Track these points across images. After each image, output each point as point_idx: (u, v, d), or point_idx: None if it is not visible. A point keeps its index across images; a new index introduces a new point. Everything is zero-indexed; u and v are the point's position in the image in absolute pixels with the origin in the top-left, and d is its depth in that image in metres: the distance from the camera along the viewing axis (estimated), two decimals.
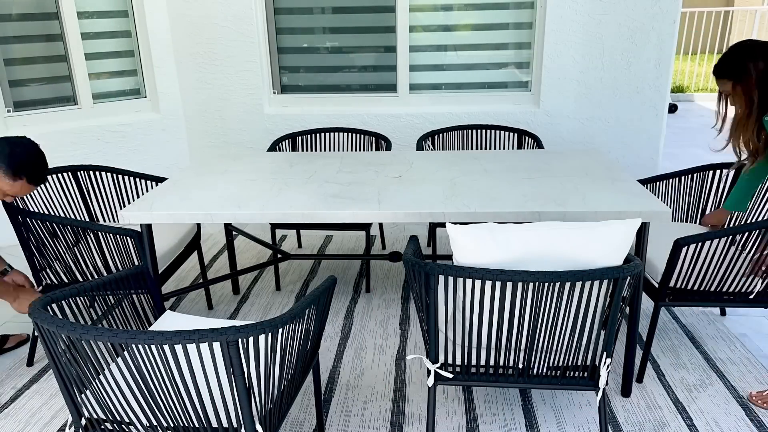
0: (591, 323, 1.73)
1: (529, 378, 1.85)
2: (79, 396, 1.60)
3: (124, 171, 2.98)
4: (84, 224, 2.35)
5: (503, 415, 2.23)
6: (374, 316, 2.95)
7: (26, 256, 2.44)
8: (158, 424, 1.55)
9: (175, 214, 2.24)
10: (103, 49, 4.11)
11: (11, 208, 2.35)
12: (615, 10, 3.90)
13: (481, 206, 2.18)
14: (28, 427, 2.23)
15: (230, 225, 3.16)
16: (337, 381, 2.46)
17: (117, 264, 2.46)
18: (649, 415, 2.21)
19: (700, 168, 2.78)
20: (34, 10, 3.83)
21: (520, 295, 1.66)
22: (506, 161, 2.79)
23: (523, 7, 4.08)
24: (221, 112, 4.39)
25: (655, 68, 4.00)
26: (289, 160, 2.94)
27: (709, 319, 2.84)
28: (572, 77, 4.06)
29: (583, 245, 1.66)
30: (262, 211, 2.22)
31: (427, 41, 4.22)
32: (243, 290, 3.28)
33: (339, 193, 2.38)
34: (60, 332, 1.40)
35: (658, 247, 2.49)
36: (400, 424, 2.19)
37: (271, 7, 4.21)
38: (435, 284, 1.73)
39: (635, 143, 4.18)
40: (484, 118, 4.19)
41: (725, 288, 2.25)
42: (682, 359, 2.54)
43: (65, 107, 4.04)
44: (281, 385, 1.64)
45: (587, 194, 2.29)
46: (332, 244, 3.88)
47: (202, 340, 1.34)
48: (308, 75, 4.38)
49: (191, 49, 4.25)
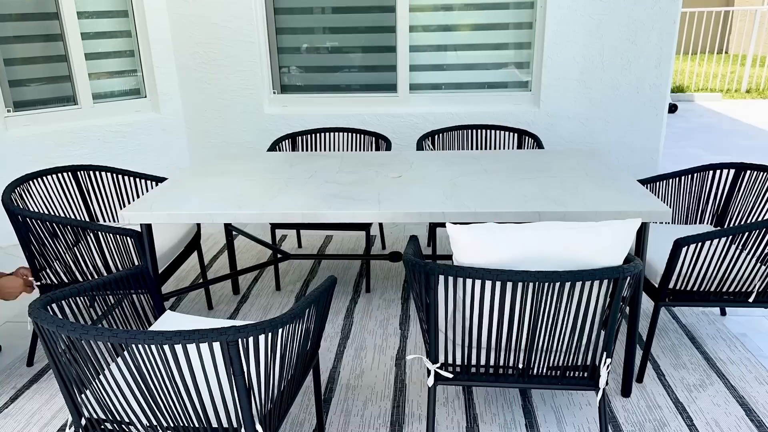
0: (591, 323, 1.73)
1: (529, 378, 1.85)
2: (79, 396, 1.60)
3: (124, 171, 2.98)
4: (84, 224, 2.35)
5: (503, 415, 2.23)
6: (374, 316, 2.95)
7: (26, 256, 2.44)
8: (158, 424, 1.55)
9: (175, 214, 2.24)
10: (103, 49, 4.11)
11: (11, 208, 2.34)
12: (615, 10, 3.90)
13: (481, 206, 2.18)
14: (28, 427, 2.23)
15: (230, 225, 3.16)
16: (337, 381, 2.46)
17: (117, 264, 2.46)
18: (649, 415, 2.21)
19: (700, 168, 2.78)
20: (34, 10, 3.83)
21: (520, 295, 1.66)
22: (506, 161, 2.79)
23: (523, 7, 4.08)
24: (221, 112, 4.39)
25: (655, 68, 4.00)
26: (289, 160, 2.94)
27: (709, 319, 2.84)
28: (572, 77, 4.06)
29: (583, 245, 1.66)
30: (262, 211, 2.22)
31: (427, 41, 4.22)
32: (243, 290, 3.28)
33: (339, 193, 2.38)
34: (60, 332, 1.40)
35: (658, 247, 2.49)
36: (400, 424, 2.19)
37: (271, 7, 4.21)
38: (435, 284, 1.73)
39: (635, 143, 4.18)
40: (484, 118, 4.19)
41: (725, 288, 2.25)
42: (682, 359, 2.54)
43: (65, 107, 4.04)
44: (281, 385, 1.64)
45: (587, 194, 2.29)
46: (332, 244, 3.88)
47: (202, 340, 1.34)
48: (308, 75, 4.38)
49: (191, 49, 4.25)
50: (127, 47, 4.22)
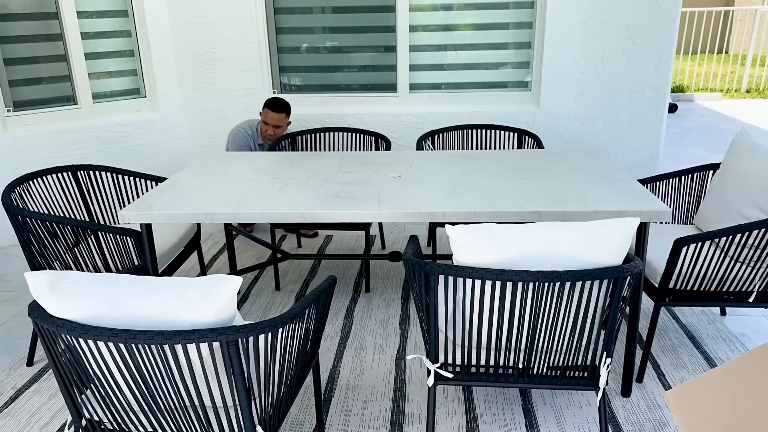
0: (591, 323, 1.73)
1: (529, 378, 1.85)
2: (79, 396, 1.60)
3: (124, 171, 2.98)
4: (84, 224, 2.35)
5: (503, 415, 2.23)
6: (374, 316, 2.95)
7: (26, 256, 2.44)
8: (158, 423, 1.55)
9: (175, 213, 2.24)
10: (103, 48, 4.11)
11: (11, 208, 2.35)
12: (615, 9, 3.90)
13: (481, 206, 2.18)
14: (28, 427, 2.23)
15: (230, 225, 3.16)
16: (337, 381, 2.46)
17: (117, 264, 2.46)
18: (649, 415, 2.21)
19: (700, 168, 2.78)
20: (34, 10, 3.83)
21: (520, 295, 1.66)
22: (506, 161, 2.79)
23: (523, 7, 4.08)
24: (221, 112, 4.39)
25: (655, 68, 4.00)
26: (289, 159, 2.94)
27: (709, 319, 2.84)
28: (572, 77, 4.06)
29: (583, 245, 1.66)
30: (262, 211, 2.22)
31: (427, 41, 4.22)
32: (243, 290, 3.28)
33: (339, 193, 2.38)
34: (60, 332, 1.40)
35: (658, 247, 2.49)
36: (400, 424, 2.19)
37: (271, 7, 4.21)
38: (435, 284, 1.73)
39: (635, 143, 4.18)
40: (484, 118, 4.19)
41: (725, 288, 2.25)
42: (682, 359, 2.54)
43: (65, 107, 4.04)
44: (281, 385, 1.64)
45: (587, 194, 2.29)
46: (332, 244, 3.88)
47: (202, 340, 1.34)
48: (308, 75, 4.38)
49: (191, 49, 4.25)
50: (127, 47, 4.22)
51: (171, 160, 4.45)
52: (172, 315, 1.38)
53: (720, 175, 2.55)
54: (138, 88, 4.32)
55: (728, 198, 2.45)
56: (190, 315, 1.38)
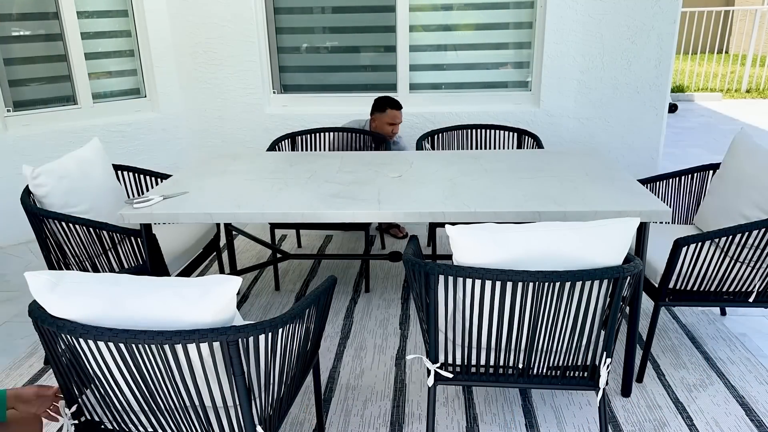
0: (591, 323, 1.73)
1: (529, 378, 1.85)
2: (80, 396, 1.60)
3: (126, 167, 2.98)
4: (98, 224, 2.35)
5: (503, 415, 2.23)
6: (374, 316, 2.95)
7: (44, 255, 2.45)
8: (158, 423, 1.55)
9: (175, 213, 2.24)
10: (102, 48, 4.11)
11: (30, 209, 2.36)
12: (615, 9, 3.90)
13: (481, 206, 2.18)
14: None
15: (230, 225, 3.16)
16: (337, 381, 2.46)
17: (130, 262, 2.47)
18: (649, 415, 2.21)
19: (700, 168, 2.78)
20: (34, 10, 3.83)
21: (520, 295, 1.66)
22: (506, 161, 2.79)
23: (523, 7, 4.08)
24: (221, 111, 4.39)
25: (655, 68, 4.00)
26: (289, 159, 2.94)
27: (709, 319, 2.84)
28: (572, 77, 4.06)
29: (583, 245, 1.66)
30: (262, 210, 2.22)
31: (427, 41, 4.22)
32: (243, 290, 3.28)
33: (339, 193, 2.38)
34: (60, 332, 1.40)
35: (658, 247, 2.49)
36: (400, 424, 2.19)
37: (271, 6, 4.21)
38: (435, 284, 1.73)
39: (635, 143, 4.18)
40: (484, 118, 4.19)
41: (725, 288, 2.25)
42: (682, 359, 2.54)
43: (65, 107, 4.04)
44: (281, 385, 1.64)
45: (587, 194, 2.29)
46: (332, 244, 3.88)
47: (202, 340, 1.34)
48: (308, 75, 4.38)
49: (191, 49, 4.25)
50: (127, 47, 4.22)
51: (171, 160, 4.45)
52: (173, 315, 1.38)
53: (720, 175, 2.55)
54: (138, 88, 4.32)
55: (728, 198, 2.45)
56: (190, 315, 1.38)
